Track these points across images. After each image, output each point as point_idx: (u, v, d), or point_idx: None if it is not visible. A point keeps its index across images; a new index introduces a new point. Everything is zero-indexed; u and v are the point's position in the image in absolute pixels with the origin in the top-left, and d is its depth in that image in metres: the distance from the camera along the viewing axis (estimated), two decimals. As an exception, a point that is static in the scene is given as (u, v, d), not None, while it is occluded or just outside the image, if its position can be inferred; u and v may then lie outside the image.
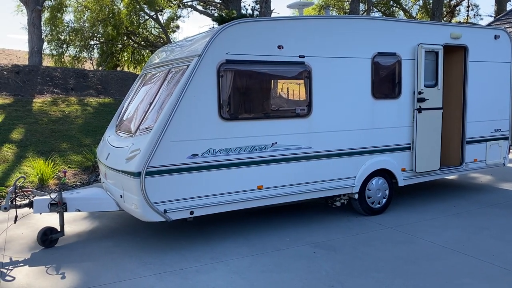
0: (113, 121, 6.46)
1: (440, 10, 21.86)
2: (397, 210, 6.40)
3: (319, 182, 5.63)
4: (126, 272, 4.41)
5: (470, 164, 6.99)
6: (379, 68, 6.01)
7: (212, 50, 4.90)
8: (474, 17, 28.04)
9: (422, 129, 6.33)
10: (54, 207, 5.11)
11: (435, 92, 6.41)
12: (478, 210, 6.37)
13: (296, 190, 5.49)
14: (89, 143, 9.84)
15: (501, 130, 7.31)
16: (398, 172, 6.26)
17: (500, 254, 4.70)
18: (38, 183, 7.76)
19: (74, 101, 12.76)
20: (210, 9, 23.47)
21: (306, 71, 5.48)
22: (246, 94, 5.26)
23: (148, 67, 6.49)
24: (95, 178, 8.31)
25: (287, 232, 5.51)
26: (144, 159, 4.59)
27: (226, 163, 5.02)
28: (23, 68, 13.95)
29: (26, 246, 5.19)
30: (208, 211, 5.00)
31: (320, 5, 27.33)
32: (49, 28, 22.06)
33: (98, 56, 24.13)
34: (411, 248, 4.95)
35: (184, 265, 4.54)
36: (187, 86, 4.76)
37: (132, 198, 4.75)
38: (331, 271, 4.35)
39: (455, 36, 6.59)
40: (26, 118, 10.73)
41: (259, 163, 5.21)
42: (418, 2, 29.03)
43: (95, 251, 5.01)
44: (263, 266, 4.51)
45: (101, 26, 22.98)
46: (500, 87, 7.25)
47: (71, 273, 4.41)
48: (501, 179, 8.32)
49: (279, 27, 5.33)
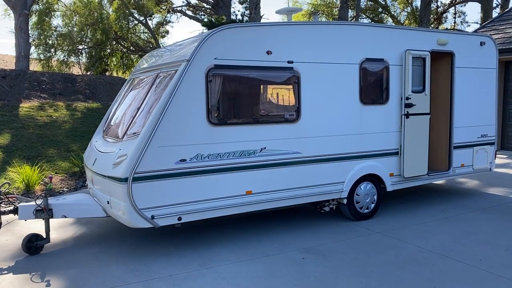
0: (101, 126, 6.40)
1: (428, 16, 22.15)
2: (385, 215, 6.42)
3: (308, 187, 5.63)
4: (113, 279, 4.35)
5: (457, 169, 7.05)
6: (367, 74, 6.05)
7: (201, 55, 4.89)
8: (461, 24, 28.48)
9: (410, 134, 6.37)
10: (40, 214, 5.02)
11: (423, 97, 6.47)
12: (465, 215, 6.42)
13: (285, 195, 5.48)
14: (76, 149, 9.74)
15: (488, 136, 7.39)
16: (386, 177, 6.29)
17: (487, 259, 4.74)
18: (24, 189, 7.64)
19: (61, 106, 12.63)
20: (199, 14, 23.49)
21: (295, 77, 5.49)
22: (235, 99, 5.25)
23: (136, 71, 6.45)
24: (82, 184, 8.22)
25: (276, 238, 5.50)
26: (131, 165, 4.55)
27: (215, 168, 4.99)
28: (10, 72, 13.78)
29: (11, 253, 5.09)
30: (196, 217, 4.96)
31: (309, 11, 27.50)
32: (36, 32, 21.85)
33: (86, 61, 23.95)
34: (400, 253, 4.96)
35: (172, 272, 4.50)
36: (175, 91, 4.74)
37: (119, 204, 4.70)
38: (320, 277, 4.34)
39: (442, 43, 6.67)
40: (12, 123, 10.58)
41: (248, 168, 5.19)
42: (406, 9, 29.37)
43: (81, 258, 4.94)
44: (252, 272, 4.49)
45: (90, 30, 22.83)
46: (486, 93, 7.34)
47: (57, 281, 4.33)
48: (487, 184, 8.40)
49: (268, 32, 5.34)
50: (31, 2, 17.30)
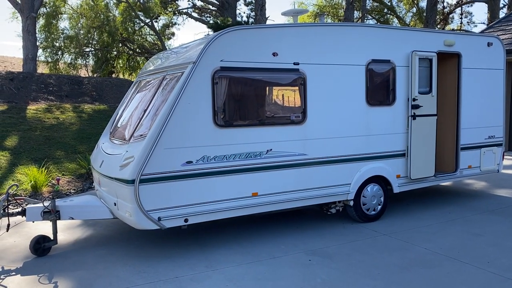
0: (107, 128, 6.44)
1: (434, 17, 22.06)
2: (392, 217, 6.39)
3: (314, 189, 5.62)
4: (119, 281, 4.37)
5: (464, 170, 7.01)
6: (374, 75, 6.03)
7: (207, 57, 4.91)
8: (467, 24, 28.34)
9: (417, 136, 6.34)
10: (47, 215, 5.06)
11: (429, 99, 6.44)
12: (473, 216, 6.38)
13: (291, 197, 5.48)
14: (83, 150, 9.79)
15: (495, 137, 7.34)
16: (393, 179, 6.26)
17: (495, 261, 4.70)
18: (32, 191, 7.69)
19: (68, 108, 12.71)
20: (205, 17, 23.56)
21: (301, 78, 5.49)
22: (241, 101, 5.25)
23: (142, 74, 6.48)
24: (89, 186, 8.26)
25: (282, 240, 5.49)
26: (138, 167, 4.57)
27: (221, 170, 5.00)
28: (18, 75, 13.90)
29: (19, 255, 5.13)
30: (202, 218, 4.97)
31: (315, 13, 27.48)
32: (44, 35, 22.03)
33: (93, 63, 24.10)
34: (406, 255, 4.94)
35: (179, 273, 4.51)
36: (181, 93, 4.76)
37: (126, 205, 4.72)
38: (326, 279, 4.33)
39: (448, 44, 6.64)
40: (20, 125, 10.67)
41: (254, 170, 5.19)
42: (412, 9, 29.26)
43: (88, 260, 4.96)
44: (258, 274, 4.48)
45: (96, 33, 22.99)
46: (494, 94, 7.29)
47: (64, 282, 4.36)
48: (495, 185, 8.35)
49: (273, 34, 5.34)
50: (39, 5, 17.44)
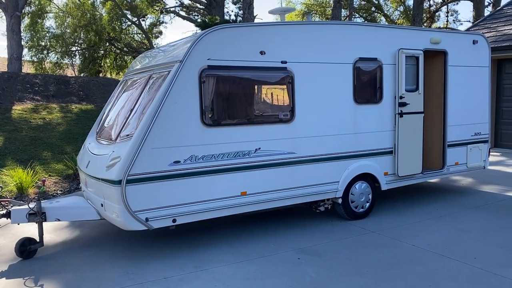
0: (94, 128, 6.36)
1: (420, 15, 22.23)
2: (380, 214, 6.43)
3: (303, 187, 5.62)
4: (107, 282, 4.32)
5: (451, 167, 7.07)
6: (361, 73, 6.05)
7: (194, 56, 4.87)
8: (453, 22, 28.65)
9: (404, 133, 6.38)
10: (33, 217, 4.98)
11: (416, 96, 6.48)
12: (460, 212, 6.44)
13: (280, 195, 5.47)
14: (70, 151, 9.68)
15: (481, 134, 7.42)
16: (381, 176, 6.29)
17: (482, 256, 4.75)
18: (17, 193, 7.58)
19: (55, 108, 12.56)
20: (193, 15, 23.45)
21: (289, 77, 5.48)
22: (229, 99, 5.23)
23: (129, 73, 6.42)
24: (76, 187, 8.17)
25: (271, 238, 5.48)
26: (125, 167, 4.52)
27: (209, 169, 4.97)
28: (2, 75, 13.69)
29: (4, 258, 5.05)
30: (191, 218, 4.94)
31: (302, 11, 27.53)
32: (29, 34, 21.74)
33: (80, 63, 23.86)
34: (395, 252, 4.96)
35: (167, 274, 4.47)
36: (168, 92, 4.71)
37: (113, 206, 4.67)
38: (315, 277, 4.33)
39: (435, 41, 6.69)
40: (5, 126, 10.50)
41: (242, 169, 5.18)
42: (399, 8, 29.48)
43: (75, 262, 4.90)
44: (248, 273, 4.47)
45: (83, 32, 22.75)
46: (479, 91, 7.36)
47: (50, 285, 4.30)
48: (481, 181, 8.44)
49: (261, 32, 5.33)
50: (23, 4, 17.20)
